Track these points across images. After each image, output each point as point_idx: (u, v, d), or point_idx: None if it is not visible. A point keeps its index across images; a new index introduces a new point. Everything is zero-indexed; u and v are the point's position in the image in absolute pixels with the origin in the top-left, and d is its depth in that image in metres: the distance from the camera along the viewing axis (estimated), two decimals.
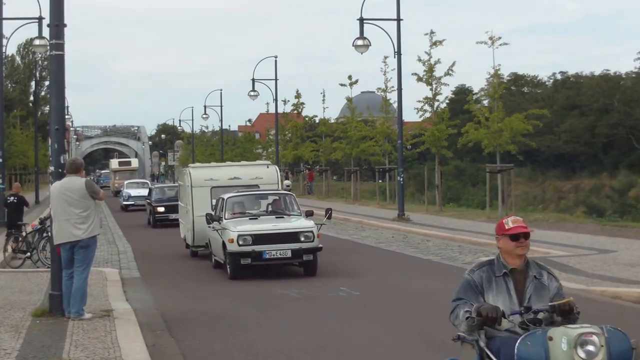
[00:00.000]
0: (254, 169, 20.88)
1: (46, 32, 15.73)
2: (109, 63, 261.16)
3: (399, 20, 29.72)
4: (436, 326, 10.58)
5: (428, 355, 9.46)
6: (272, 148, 62.19)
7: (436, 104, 33.57)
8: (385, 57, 39.13)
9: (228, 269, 16.40)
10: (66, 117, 17.89)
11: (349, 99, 47.04)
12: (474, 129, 31.13)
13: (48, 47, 12.78)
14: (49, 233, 13.87)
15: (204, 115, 69.39)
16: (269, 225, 16.57)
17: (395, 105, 35.62)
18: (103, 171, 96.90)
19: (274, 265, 16.84)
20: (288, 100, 57.77)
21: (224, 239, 16.46)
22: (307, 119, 61.15)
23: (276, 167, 21.66)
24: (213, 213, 17.63)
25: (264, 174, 20.44)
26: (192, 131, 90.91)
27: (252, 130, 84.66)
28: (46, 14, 13.81)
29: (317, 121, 59.68)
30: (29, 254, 19.13)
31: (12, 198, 21.33)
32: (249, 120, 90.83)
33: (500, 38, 30.13)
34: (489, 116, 30.50)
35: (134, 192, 44.84)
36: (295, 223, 16.79)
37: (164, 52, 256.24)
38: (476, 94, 58.15)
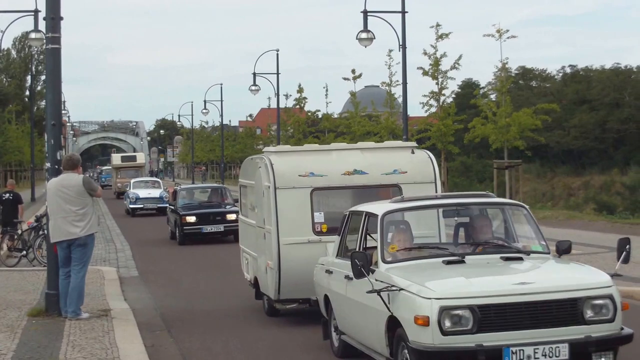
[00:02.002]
0: (389, 156, 12.14)
1: (42, 25, 15.61)
2: (107, 57, 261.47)
3: (403, 12, 29.26)
4: None
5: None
6: (273, 144, 61.78)
7: (442, 98, 33.23)
8: (390, 51, 38.68)
9: None
10: (63, 112, 17.60)
11: (353, 94, 46.62)
12: (481, 124, 30.93)
13: (44, 41, 12.67)
14: (45, 231, 13.94)
15: (204, 110, 69.01)
16: (504, 281, 7.67)
17: (400, 99, 35.09)
18: (104, 167, 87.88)
19: None
20: (290, 95, 57.37)
21: (396, 311, 7.60)
22: (309, 114, 60.66)
23: (428, 152, 12.42)
24: (356, 249, 8.82)
25: (408, 164, 11.93)
26: (192, 126, 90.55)
27: (253, 126, 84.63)
28: (42, 6, 13.64)
29: (320, 116, 59.17)
30: (24, 252, 18.97)
31: (7, 195, 21.07)
32: (250, 116, 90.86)
33: (507, 31, 29.95)
34: (496, 111, 30.34)
35: (143, 193, 37.97)
36: (563, 275, 7.98)
37: (163, 46, 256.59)
38: (483, 88, 58.05)
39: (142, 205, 37.10)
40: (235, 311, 12.81)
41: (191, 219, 23.33)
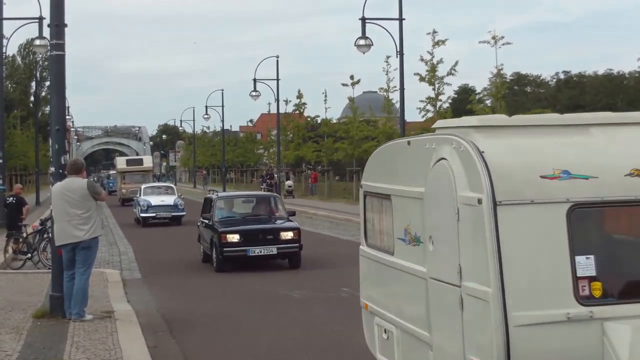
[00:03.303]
0: None
1: (47, 32, 15.73)
2: (110, 63, 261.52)
3: (401, 19, 29.63)
4: None
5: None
6: (273, 148, 62.06)
7: (439, 103, 33.51)
8: (388, 57, 39.06)
9: None
10: (67, 117, 17.77)
11: (351, 99, 46.95)
12: None
13: (48, 48, 12.75)
14: (50, 234, 13.85)
15: (206, 116, 69.33)
16: None
17: (398, 105, 35.47)
18: (111, 172, 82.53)
19: None
20: (290, 101, 57.76)
21: None
22: (309, 119, 61.06)
23: None
24: None
25: None
26: (194, 131, 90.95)
27: (254, 131, 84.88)
28: (47, 14, 13.80)
29: (319, 121, 59.57)
30: (29, 255, 19.00)
31: (11, 199, 21.26)
32: (251, 121, 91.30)
33: (503, 37, 30.13)
34: None
35: (156, 200, 33.31)
36: None
37: (166, 53, 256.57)
38: (479, 93, 58.25)
39: (154, 214, 32.35)
40: (237, 312, 12.78)
41: (234, 237, 17.47)
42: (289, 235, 17.72)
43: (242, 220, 18.75)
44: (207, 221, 18.82)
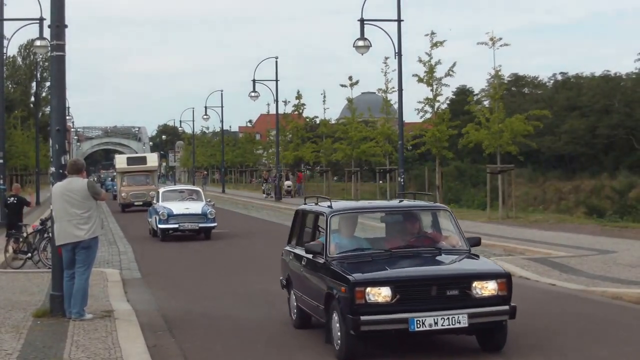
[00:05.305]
0: None
1: (47, 33, 15.81)
2: (110, 64, 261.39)
3: (399, 21, 29.75)
4: None
5: (432, 355, 9.42)
6: (272, 149, 62.22)
7: (437, 104, 33.55)
8: (386, 58, 39.11)
9: None
10: (67, 118, 17.84)
11: (350, 100, 47.03)
12: (475, 130, 31.12)
13: (49, 48, 12.82)
14: (50, 234, 13.88)
15: (205, 116, 69.47)
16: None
17: (396, 106, 35.59)
18: (110, 172, 79.35)
19: None
20: (289, 101, 57.87)
21: None
22: (307, 119, 61.20)
23: None
24: None
25: None
26: (193, 132, 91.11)
27: (253, 131, 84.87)
28: (47, 14, 13.86)
29: (317, 122, 59.74)
30: (29, 254, 19.07)
31: (12, 199, 21.34)
32: (250, 121, 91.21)
33: (500, 39, 30.16)
34: (489, 117, 30.50)
35: (179, 207, 25.87)
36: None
37: (165, 53, 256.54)
38: (477, 94, 58.64)
39: (176, 225, 25.38)
40: (236, 312, 12.76)
41: (380, 293, 9.02)
42: (489, 288, 9.17)
43: (387, 256, 9.80)
44: (309, 256, 10.29)
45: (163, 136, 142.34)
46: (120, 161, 46.32)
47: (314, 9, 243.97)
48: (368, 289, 8.95)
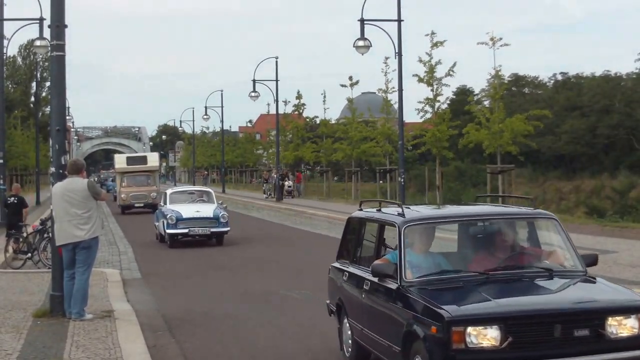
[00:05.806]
0: None
1: (47, 33, 15.80)
2: (110, 64, 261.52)
3: (399, 21, 29.75)
4: None
5: None
6: (272, 149, 62.20)
7: (437, 104, 33.55)
8: (386, 58, 39.15)
9: None
10: (67, 118, 17.82)
11: (350, 100, 47.07)
12: (475, 130, 31.11)
13: (49, 48, 12.81)
14: (50, 234, 13.90)
15: (205, 116, 69.49)
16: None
17: (396, 106, 35.60)
18: (110, 172, 76.66)
19: None
20: (289, 101, 57.86)
21: None
22: (308, 119, 61.23)
23: None
24: None
25: None
26: (193, 132, 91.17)
27: (253, 131, 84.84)
28: (47, 14, 13.86)
29: (318, 122, 59.73)
30: (29, 254, 19.07)
31: (12, 199, 21.34)
32: (250, 121, 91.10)
33: (501, 39, 30.13)
34: (489, 117, 30.49)
35: (188, 210, 23.87)
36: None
37: (165, 53, 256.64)
38: (477, 94, 58.51)
39: (186, 230, 23.47)
40: (236, 312, 12.79)
41: (486, 335, 6.74)
42: (628, 325, 7.06)
43: (482, 281, 7.58)
44: (374, 279, 8.10)
45: (163, 136, 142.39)
46: (120, 161, 44.76)
47: (314, 9, 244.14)
48: (469, 329, 6.69)
